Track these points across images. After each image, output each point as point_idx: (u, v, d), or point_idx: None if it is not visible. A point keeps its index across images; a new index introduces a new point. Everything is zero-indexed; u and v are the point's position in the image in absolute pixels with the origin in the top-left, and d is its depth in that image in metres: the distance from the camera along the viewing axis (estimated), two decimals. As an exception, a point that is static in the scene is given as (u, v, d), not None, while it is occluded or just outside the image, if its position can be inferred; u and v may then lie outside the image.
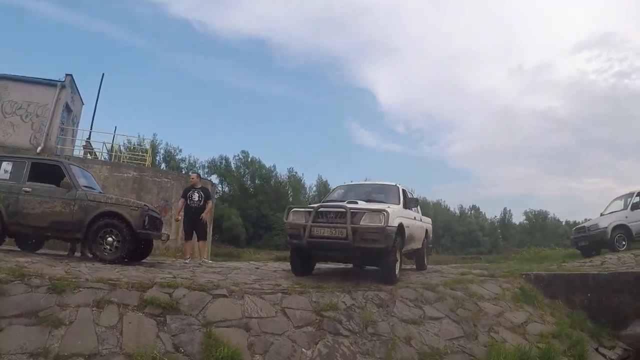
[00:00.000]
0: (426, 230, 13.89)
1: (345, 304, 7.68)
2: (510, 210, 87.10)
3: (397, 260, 10.11)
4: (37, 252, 10.59)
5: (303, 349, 6.40)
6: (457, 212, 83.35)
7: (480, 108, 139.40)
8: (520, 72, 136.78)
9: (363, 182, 13.91)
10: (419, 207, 13.49)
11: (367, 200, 10.89)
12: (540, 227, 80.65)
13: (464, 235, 72.62)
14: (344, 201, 10.58)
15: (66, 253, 11.44)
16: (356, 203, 10.29)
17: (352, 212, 9.35)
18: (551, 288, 11.39)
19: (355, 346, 6.82)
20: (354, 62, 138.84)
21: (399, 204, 10.99)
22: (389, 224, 9.19)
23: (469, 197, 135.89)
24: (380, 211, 9.34)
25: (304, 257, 10.40)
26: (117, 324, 5.93)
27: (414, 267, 13.98)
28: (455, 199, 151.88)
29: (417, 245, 12.63)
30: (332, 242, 9.35)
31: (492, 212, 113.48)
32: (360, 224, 9.22)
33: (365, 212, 9.40)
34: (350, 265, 12.99)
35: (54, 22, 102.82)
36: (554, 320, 10.01)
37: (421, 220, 13.36)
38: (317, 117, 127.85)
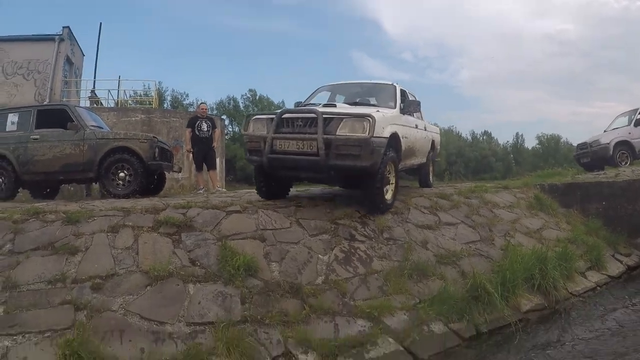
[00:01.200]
0: (432, 141, 11.66)
1: (360, 213, 7.70)
2: (522, 135, 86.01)
3: (390, 182, 8.26)
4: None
5: (319, 255, 6.47)
6: (469, 138, 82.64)
7: (489, 33, 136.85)
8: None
9: (352, 82, 10.91)
10: (422, 112, 11.02)
11: (354, 104, 9.03)
12: (553, 150, 79.74)
13: (476, 160, 72.24)
14: (330, 103, 8.96)
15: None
16: (334, 106, 8.46)
17: (325, 118, 7.34)
18: (566, 197, 11.37)
19: (371, 250, 6.89)
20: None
21: (395, 107, 8.86)
22: (375, 135, 7.16)
23: (480, 123, 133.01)
24: (363, 117, 7.28)
25: (271, 178, 8.39)
26: (133, 244, 5.99)
27: (417, 185, 11.77)
28: (466, 125, 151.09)
29: (419, 159, 10.52)
30: (298, 158, 7.45)
31: (504, 138, 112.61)
32: (337, 134, 7.22)
33: (343, 119, 7.38)
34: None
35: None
36: (570, 227, 10.03)
37: (425, 129, 10.92)
38: (322, 51, 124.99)
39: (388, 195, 8.19)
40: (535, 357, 5.56)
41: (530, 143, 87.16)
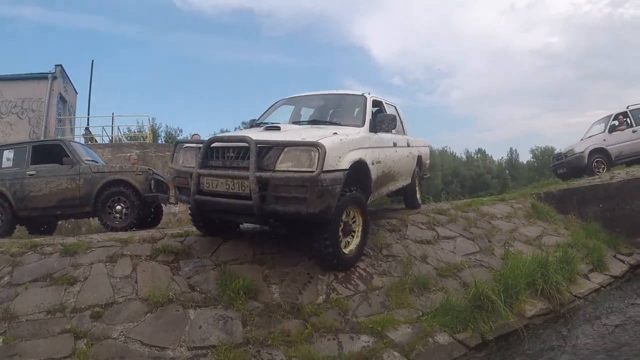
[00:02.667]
0: (418, 157, 10.23)
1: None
2: (516, 150, 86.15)
3: (353, 231, 6.73)
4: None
5: (319, 275, 6.43)
6: (464, 157, 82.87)
7: (477, 51, 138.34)
8: (513, 11, 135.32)
9: (315, 93, 9.16)
10: (403, 124, 9.85)
11: (311, 122, 7.76)
12: (548, 162, 79.80)
13: (472, 179, 72.33)
14: (274, 124, 7.29)
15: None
16: (277, 129, 6.91)
17: (261, 147, 5.86)
18: (562, 204, 11.47)
19: (371, 268, 6.88)
20: (342, 20, 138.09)
21: (364, 125, 7.33)
22: (327, 168, 5.64)
23: (474, 141, 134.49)
24: (310, 146, 5.68)
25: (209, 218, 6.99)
26: (132, 273, 6.02)
27: (403, 206, 10.53)
28: (460, 145, 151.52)
29: (402, 182, 9.17)
30: (230, 202, 5.98)
31: (498, 154, 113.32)
32: (276, 168, 5.74)
33: (284, 148, 5.79)
34: None
35: (38, 24, 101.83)
36: (569, 232, 10.09)
37: (408, 145, 9.47)
38: (313, 79, 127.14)
39: (350, 247, 6.66)
40: (544, 360, 5.54)
41: (525, 157, 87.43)
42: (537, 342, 6.09)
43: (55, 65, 24.98)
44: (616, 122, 16.43)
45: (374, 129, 7.51)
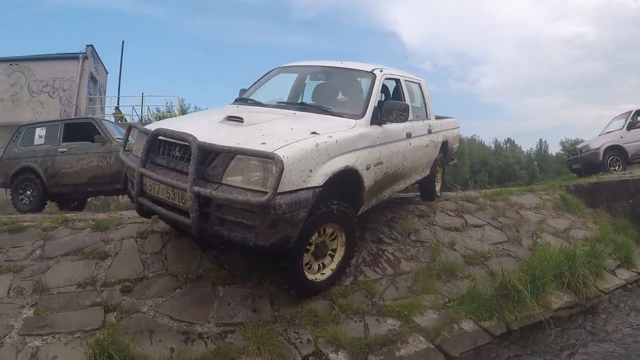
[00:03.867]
0: (443, 143, 9.08)
1: (386, 217, 7.70)
2: (546, 142, 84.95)
3: (328, 255, 5.67)
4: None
5: (348, 257, 6.40)
6: (493, 146, 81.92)
7: (507, 39, 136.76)
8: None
9: (316, 63, 7.76)
10: (427, 105, 8.51)
11: (301, 107, 6.36)
12: (576, 155, 78.97)
13: (500, 169, 71.52)
14: (236, 116, 5.57)
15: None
16: (239, 120, 5.40)
17: (206, 151, 4.70)
18: (592, 197, 11.29)
19: (399, 252, 6.89)
20: (372, 3, 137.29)
21: (363, 116, 5.99)
22: (286, 190, 4.45)
23: (503, 131, 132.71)
24: (263, 157, 4.41)
25: None
26: (162, 250, 6.09)
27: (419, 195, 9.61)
28: (489, 134, 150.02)
29: (414, 178, 8.04)
30: (169, 215, 5.06)
31: (527, 145, 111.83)
32: (222, 181, 4.60)
33: (233, 156, 4.58)
34: None
35: (69, 5, 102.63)
36: (597, 227, 9.96)
37: (430, 132, 8.17)
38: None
39: (324, 271, 5.67)
40: (568, 355, 5.50)
41: (554, 149, 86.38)
42: (561, 334, 6.06)
43: (87, 46, 25.32)
44: (637, 118, 15.87)
45: (378, 119, 6.16)
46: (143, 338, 4.78)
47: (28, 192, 9.99)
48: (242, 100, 7.05)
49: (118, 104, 28.12)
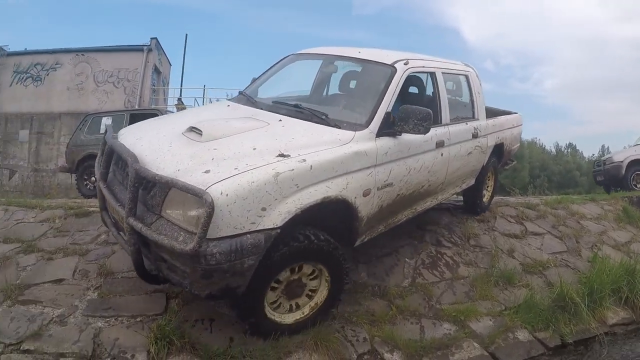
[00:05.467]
0: (495, 147, 7.97)
1: (446, 220, 7.69)
2: (608, 148, 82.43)
3: (310, 292, 4.87)
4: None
5: (406, 259, 6.52)
6: (554, 150, 79.95)
7: (573, 39, 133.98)
8: None
9: (331, 52, 6.66)
10: (475, 103, 7.34)
11: (295, 109, 5.33)
12: (641, 164, 76.50)
13: (560, 175, 69.67)
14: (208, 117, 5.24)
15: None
16: (198, 133, 4.55)
17: (143, 180, 3.99)
18: (656, 210, 10.80)
19: (457, 256, 6.89)
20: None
21: (367, 126, 4.99)
22: (225, 233, 3.69)
23: (565, 135, 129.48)
24: (193, 194, 3.63)
25: None
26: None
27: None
28: (551, 137, 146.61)
29: (447, 193, 7.06)
30: (119, 239, 4.66)
31: (589, 151, 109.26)
32: (161, 213, 3.98)
33: (170, 188, 3.85)
34: None
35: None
36: (659, 243, 9.66)
37: (474, 137, 7.03)
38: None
39: (297, 313, 4.89)
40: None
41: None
42: (616, 351, 5.93)
43: (151, 38, 26.11)
44: None
45: (392, 129, 5.13)
46: (203, 326, 4.90)
47: (93, 178, 10.28)
48: (242, 95, 6.26)
49: (180, 95, 28.66)
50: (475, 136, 7.07)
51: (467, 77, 7.39)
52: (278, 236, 4.00)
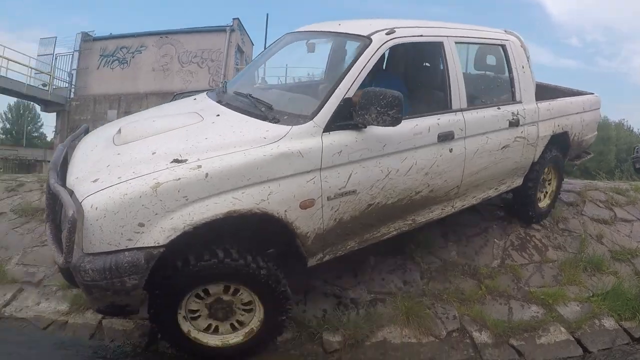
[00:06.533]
0: (554, 137, 6.58)
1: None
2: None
3: (239, 321, 4.20)
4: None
5: (495, 240, 6.56)
6: (643, 133, 76.46)
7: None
8: None
9: (317, 28, 5.91)
10: (515, 80, 5.93)
11: (255, 103, 4.51)
12: None
13: (650, 159, 66.79)
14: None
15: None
16: (119, 134, 4.28)
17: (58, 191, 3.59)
18: None
19: (546, 239, 6.83)
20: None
21: (313, 117, 4.09)
22: (99, 249, 3.32)
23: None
24: (65, 206, 3.35)
25: None
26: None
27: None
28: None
29: (473, 197, 5.82)
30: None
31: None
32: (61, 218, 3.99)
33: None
34: None
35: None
36: None
37: (514, 124, 5.74)
38: None
39: (230, 338, 4.23)
40: None
41: None
42: None
43: (233, 19, 26.78)
44: None
45: (352, 121, 4.16)
46: (298, 297, 5.11)
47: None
48: (223, 86, 5.64)
49: (264, 74, 29.17)
50: (514, 124, 5.78)
51: (504, 47, 5.99)
52: (154, 260, 3.42)
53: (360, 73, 4.33)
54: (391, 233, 5.04)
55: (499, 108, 5.66)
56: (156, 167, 3.52)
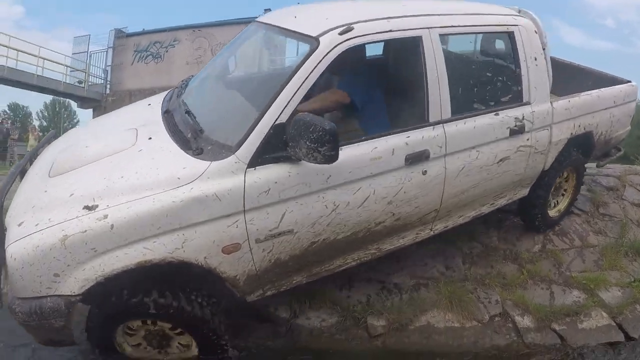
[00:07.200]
0: (572, 140, 5.52)
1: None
2: None
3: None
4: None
5: (536, 225, 6.52)
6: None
7: None
8: None
9: (268, 19, 5.26)
10: (522, 75, 4.82)
11: (176, 124, 4.13)
12: None
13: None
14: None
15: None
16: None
17: None
18: None
19: (587, 224, 6.79)
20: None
21: (235, 152, 3.47)
22: (27, 295, 3.25)
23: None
24: None
25: None
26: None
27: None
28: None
29: (451, 218, 4.99)
30: None
31: None
32: None
33: None
34: None
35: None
36: None
37: (516, 132, 4.75)
38: None
39: None
40: None
41: None
42: None
43: (265, 10, 26.50)
44: None
45: (284, 150, 3.52)
46: (342, 283, 5.20)
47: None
48: (183, 85, 5.22)
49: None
50: (518, 132, 4.80)
51: (511, 35, 4.83)
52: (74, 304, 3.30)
53: (298, 90, 3.59)
54: (349, 264, 4.48)
55: (497, 114, 4.68)
56: (68, 215, 3.30)
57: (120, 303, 3.46)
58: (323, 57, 3.64)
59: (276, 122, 3.47)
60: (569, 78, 6.30)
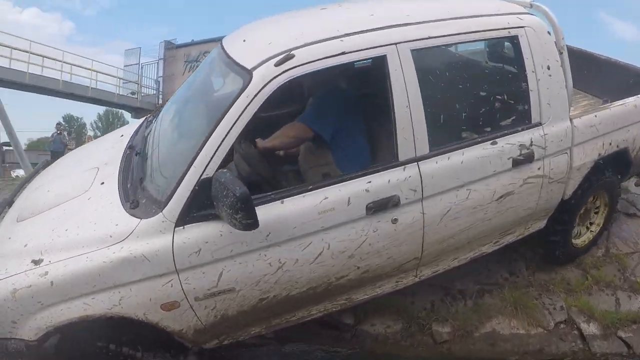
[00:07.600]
0: (603, 158, 4.70)
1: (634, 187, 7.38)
2: None
3: None
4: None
5: (599, 229, 6.42)
6: None
7: None
8: None
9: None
10: (530, 93, 3.98)
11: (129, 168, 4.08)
12: None
13: None
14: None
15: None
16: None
17: None
18: None
19: (645, 227, 6.67)
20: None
21: (162, 210, 3.26)
22: None
23: None
24: None
25: None
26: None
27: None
28: None
29: (440, 263, 4.43)
30: None
31: None
32: None
33: None
34: None
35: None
36: None
37: (520, 162, 4.00)
38: (563, 14, 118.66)
39: None
40: None
41: None
42: None
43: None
44: None
45: (211, 207, 3.21)
46: (408, 292, 5.10)
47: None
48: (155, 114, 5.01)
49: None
50: (524, 161, 4.06)
51: (515, 39, 4.00)
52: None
53: (226, 137, 3.21)
54: (314, 315, 4.08)
55: (494, 142, 3.93)
56: (19, 268, 3.31)
57: (79, 349, 3.47)
58: (255, 95, 3.20)
59: (202, 178, 3.18)
60: (606, 76, 5.85)
